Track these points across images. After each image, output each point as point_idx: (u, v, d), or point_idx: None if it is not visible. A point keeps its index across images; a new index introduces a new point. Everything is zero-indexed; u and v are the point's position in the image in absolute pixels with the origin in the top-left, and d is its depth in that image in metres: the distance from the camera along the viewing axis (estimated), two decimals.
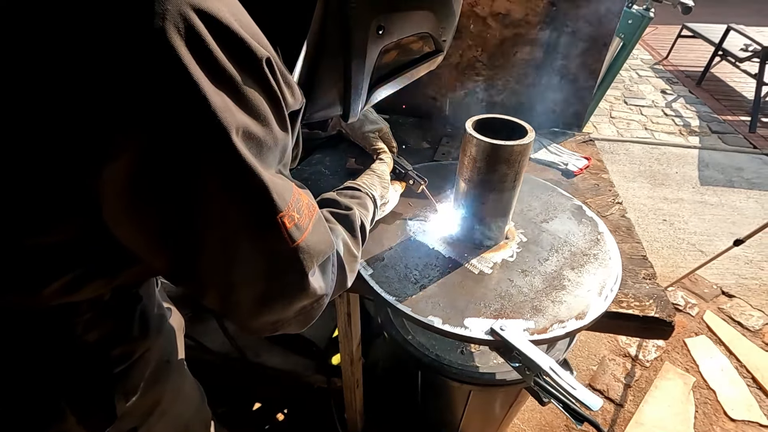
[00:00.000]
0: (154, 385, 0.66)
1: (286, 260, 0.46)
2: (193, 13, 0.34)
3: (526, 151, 0.77)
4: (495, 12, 1.22)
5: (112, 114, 0.35)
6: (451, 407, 1.28)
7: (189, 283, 0.47)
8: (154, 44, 0.33)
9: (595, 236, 0.92)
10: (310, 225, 0.48)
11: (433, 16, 0.62)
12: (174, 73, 0.34)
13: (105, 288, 0.51)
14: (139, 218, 0.41)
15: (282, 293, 0.48)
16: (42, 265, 0.45)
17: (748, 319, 2.05)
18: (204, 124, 0.36)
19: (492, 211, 0.84)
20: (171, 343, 0.73)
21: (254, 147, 0.40)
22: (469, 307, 0.76)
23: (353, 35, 0.55)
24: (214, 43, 0.36)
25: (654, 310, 0.78)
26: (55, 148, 0.37)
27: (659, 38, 5.90)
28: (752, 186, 2.99)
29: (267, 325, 0.51)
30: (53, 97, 0.34)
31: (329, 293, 0.55)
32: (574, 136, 1.36)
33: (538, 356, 0.65)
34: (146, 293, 0.66)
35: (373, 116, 1.06)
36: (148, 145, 0.36)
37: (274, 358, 1.36)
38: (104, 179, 0.37)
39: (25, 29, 0.34)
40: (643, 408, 1.68)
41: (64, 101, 0.34)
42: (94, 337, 0.55)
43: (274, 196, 0.42)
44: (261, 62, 0.39)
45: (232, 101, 0.38)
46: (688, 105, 4.19)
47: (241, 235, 0.43)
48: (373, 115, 1.06)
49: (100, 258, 0.47)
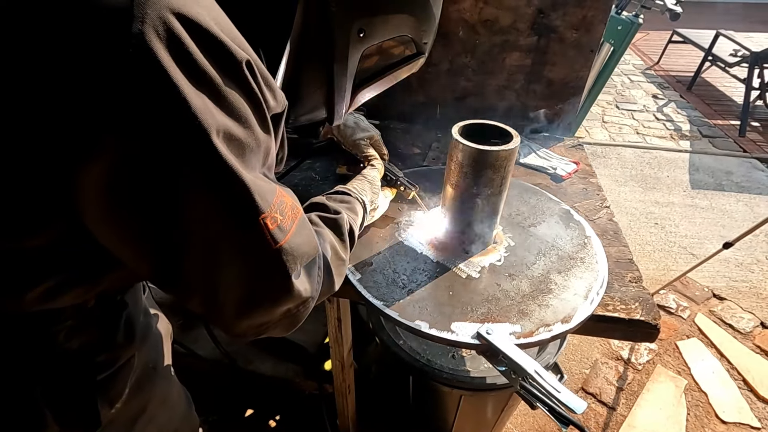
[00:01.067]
0: (139, 391, 0.65)
1: (268, 262, 0.46)
2: (173, 16, 0.35)
3: (511, 156, 0.78)
4: (483, 19, 1.24)
5: (92, 117, 0.35)
6: (442, 412, 1.28)
7: (173, 286, 0.48)
8: (134, 47, 0.33)
9: (582, 240, 0.93)
10: (294, 227, 0.49)
11: (413, 19, 0.63)
12: (154, 76, 0.34)
13: (88, 294, 0.51)
14: (120, 221, 0.41)
15: (266, 295, 0.48)
16: (24, 270, 0.45)
17: (739, 321, 2.07)
18: (184, 126, 0.36)
19: (479, 215, 0.84)
20: (157, 349, 0.73)
21: (236, 149, 0.41)
22: (456, 311, 0.76)
23: (335, 38, 0.56)
24: (194, 46, 0.36)
25: (639, 313, 0.79)
26: (35, 151, 0.37)
27: (650, 44, 5.97)
28: (741, 189, 3.02)
29: (252, 328, 0.51)
30: (33, 99, 0.35)
31: (315, 296, 0.55)
32: (564, 141, 1.38)
33: (524, 360, 0.65)
34: (132, 299, 0.66)
35: (365, 124, 1.06)
36: (128, 147, 0.36)
37: (265, 364, 1.36)
38: (84, 182, 0.37)
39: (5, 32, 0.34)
40: (636, 411, 1.69)
41: (44, 104, 0.35)
42: (77, 343, 0.54)
43: (256, 198, 0.42)
44: (241, 65, 0.40)
45: (213, 103, 0.38)
46: (678, 109, 4.23)
47: (223, 237, 0.43)
48: (364, 123, 1.06)
49: (82, 263, 0.47)
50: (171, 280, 0.46)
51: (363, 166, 0.97)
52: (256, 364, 1.35)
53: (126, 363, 0.63)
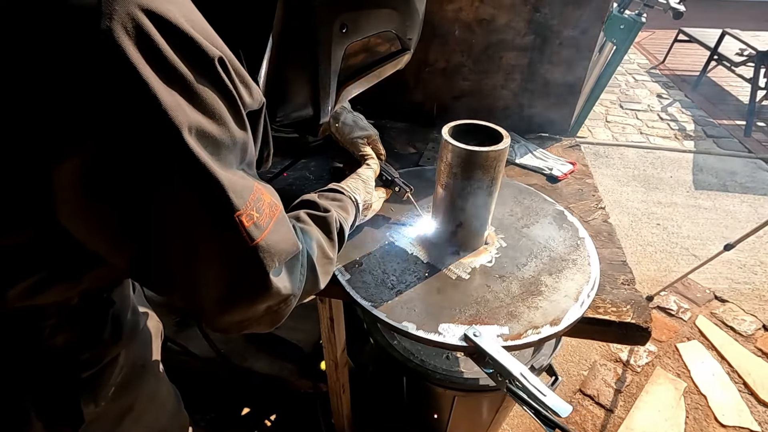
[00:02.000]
0: (126, 389, 0.66)
1: (245, 259, 0.46)
2: (142, 13, 0.35)
3: (501, 156, 0.77)
4: (480, 18, 1.23)
5: (63, 114, 0.35)
6: (436, 412, 1.27)
7: (152, 283, 0.48)
8: (102, 44, 0.33)
9: (575, 241, 0.92)
10: (271, 224, 0.48)
11: (396, 15, 0.63)
12: (123, 73, 0.34)
13: (70, 292, 0.51)
14: (96, 219, 0.41)
15: (244, 292, 0.48)
16: (5, 267, 0.45)
17: (741, 323, 2.05)
18: (155, 123, 0.36)
19: (470, 216, 0.84)
20: (146, 347, 0.73)
21: (210, 146, 0.41)
22: (444, 312, 0.76)
23: (317, 34, 0.56)
24: (164, 43, 0.36)
25: (630, 316, 0.78)
26: (9, 149, 0.37)
27: (656, 42, 5.92)
28: (746, 190, 2.99)
29: (233, 324, 0.51)
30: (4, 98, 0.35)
31: (297, 294, 0.55)
32: (561, 141, 1.37)
33: (510, 362, 0.65)
34: (120, 297, 0.66)
35: (363, 123, 1.06)
36: (100, 145, 0.36)
37: (260, 363, 1.36)
38: (59, 179, 0.37)
39: None
40: (634, 413, 1.68)
41: (16, 102, 0.35)
42: (62, 341, 0.55)
43: (231, 195, 0.42)
44: (213, 61, 0.40)
45: (185, 100, 0.38)
46: (683, 109, 4.19)
47: (198, 235, 0.43)
48: (363, 122, 1.06)
49: (63, 260, 0.47)
50: (150, 277, 0.47)
51: (359, 165, 0.97)
52: (251, 362, 1.36)
53: (112, 361, 0.63)
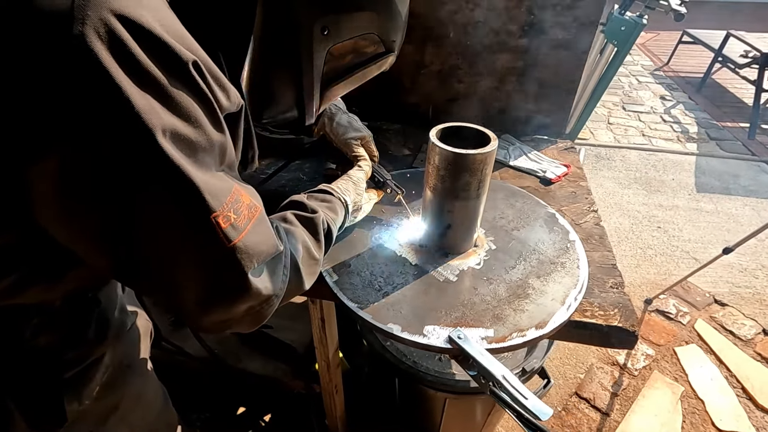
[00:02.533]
0: (111, 389, 0.66)
1: (223, 260, 0.46)
2: (114, 18, 0.35)
3: (489, 159, 0.77)
4: (474, 20, 1.23)
5: (36, 118, 0.35)
6: (428, 414, 1.27)
7: (134, 284, 0.48)
8: (75, 48, 0.34)
9: (565, 244, 0.92)
10: (250, 225, 0.49)
11: (377, 17, 0.63)
12: (95, 76, 0.35)
13: (51, 292, 0.52)
14: (74, 221, 0.41)
15: (223, 293, 0.49)
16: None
17: (740, 328, 2.03)
18: (128, 126, 0.37)
19: (458, 219, 0.84)
20: (133, 347, 0.74)
21: (186, 148, 0.41)
22: (430, 314, 0.76)
23: (298, 37, 0.56)
24: (137, 47, 0.36)
25: (618, 320, 0.78)
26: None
27: (660, 44, 5.89)
28: (749, 193, 2.96)
29: (215, 324, 0.52)
30: None
31: (280, 294, 0.56)
32: (557, 143, 1.36)
33: (492, 365, 0.65)
34: (106, 297, 0.66)
35: (357, 124, 1.06)
36: (75, 148, 0.37)
37: (255, 363, 1.36)
38: (34, 182, 0.38)
39: None
40: (630, 417, 1.67)
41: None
42: (45, 341, 0.55)
43: (207, 197, 0.43)
44: (187, 65, 0.40)
45: (159, 103, 0.38)
46: (687, 111, 4.17)
47: (175, 236, 0.43)
48: (357, 123, 1.06)
49: (41, 261, 0.47)
50: (130, 278, 0.47)
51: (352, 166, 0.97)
52: (245, 363, 1.36)
53: (97, 360, 0.64)
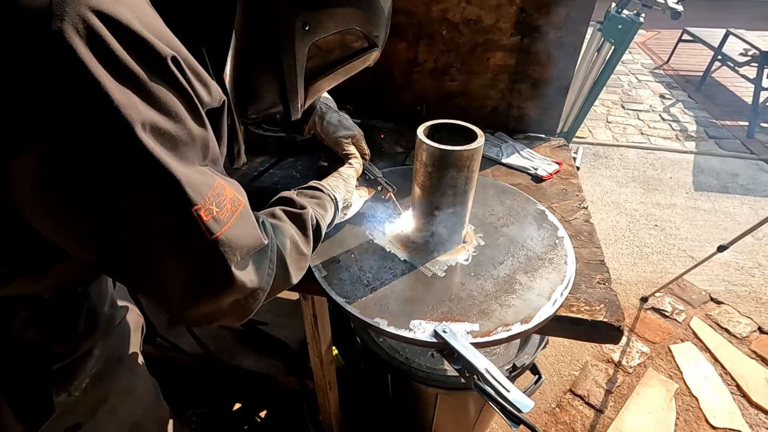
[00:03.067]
0: (100, 382, 0.67)
1: (206, 253, 0.47)
2: (92, 14, 0.36)
3: (475, 155, 0.78)
4: (466, 18, 1.23)
5: (16, 114, 0.36)
6: (421, 410, 1.28)
7: (119, 277, 0.49)
8: (53, 45, 0.34)
9: (554, 241, 0.93)
10: (233, 219, 0.49)
11: (359, 13, 0.64)
12: (74, 72, 0.35)
13: (36, 285, 0.53)
14: (56, 216, 0.42)
15: (207, 286, 0.49)
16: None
17: (736, 326, 2.03)
18: (108, 120, 0.37)
19: (446, 215, 0.85)
20: (123, 341, 0.75)
21: (166, 142, 0.42)
22: (416, 309, 0.77)
23: (279, 32, 0.57)
24: (115, 42, 0.37)
25: (603, 315, 0.78)
26: None
27: (660, 42, 5.87)
28: (747, 192, 2.96)
29: (201, 317, 0.52)
30: None
31: (265, 288, 0.56)
32: (549, 141, 1.37)
33: (476, 358, 0.66)
34: (96, 292, 0.67)
35: (348, 122, 1.07)
36: (54, 142, 0.37)
37: (249, 359, 1.37)
38: (15, 176, 0.39)
39: None
40: (624, 414, 1.67)
41: None
42: (33, 334, 0.56)
43: (188, 190, 0.43)
44: (166, 60, 0.41)
45: (138, 98, 0.39)
46: (686, 110, 4.16)
47: (157, 229, 0.44)
48: (347, 122, 1.07)
49: (25, 254, 0.48)
50: (115, 271, 0.48)
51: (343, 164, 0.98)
52: (239, 360, 1.37)
53: (86, 353, 0.65)
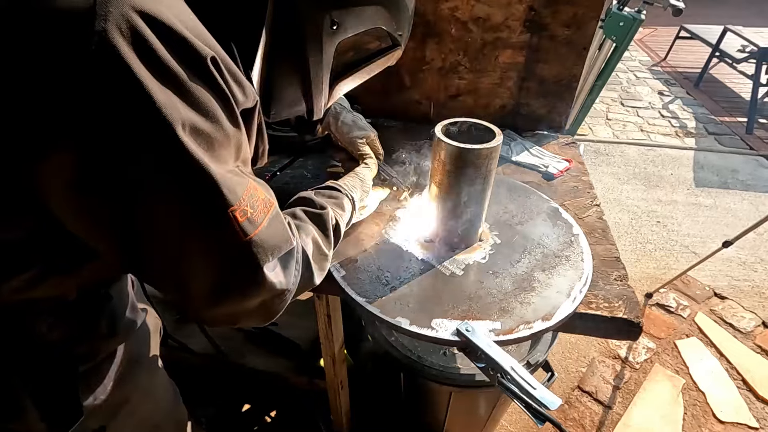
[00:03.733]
0: (122, 384, 0.67)
1: (238, 254, 0.47)
2: (136, 14, 0.36)
3: (494, 153, 0.78)
4: (475, 16, 1.23)
5: (56, 113, 0.36)
6: (433, 409, 1.28)
7: (144, 275, 0.49)
8: (97, 44, 0.34)
9: (569, 238, 0.93)
10: (265, 220, 0.49)
11: (385, 11, 0.64)
12: (117, 72, 0.35)
13: (65, 286, 0.53)
14: (89, 214, 0.42)
15: (235, 286, 0.49)
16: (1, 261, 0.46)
17: (740, 320, 2.05)
18: (149, 120, 0.37)
19: (463, 213, 0.85)
20: (143, 343, 0.74)
21: (204, 142, 0.42)
22: (437, 308, 0.77)
23: (307, 31, 0.57)
24: (158, 43, 0.37)
25: (622, 312, 0.79)
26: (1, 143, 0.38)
27: (658, 39, 5.89)
28: (747, 188, 2.98)
29: (223, 317, 0.52)
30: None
31: (292, 289, 0.56)
32: (558, 139, 1.37)
33: (501, 356, 0.66)
34: (118, 293, 0.67)
35: (362, 122, 1.06)
36: (92, 142, 0.37)
37: (258, 359, 1.37)
38: (50, 173, 0.38)
39: None
40: (632, 410, 1.68)
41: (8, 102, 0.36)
42: (58, 335, 0.56)
43: (224, 191, 0.43)
44: (206, 60, 0.41)
45: (178, 98, 0.39)
46: (685, 106, 4.18)
47: (192, 229, 0.44)
48: (362, 122, 1.06)
49: (57, 254, 0.48)
50: (143, 269, 0.48)
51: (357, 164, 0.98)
52: (249, 359, 1.37)
53: (109, 356, 0.65)
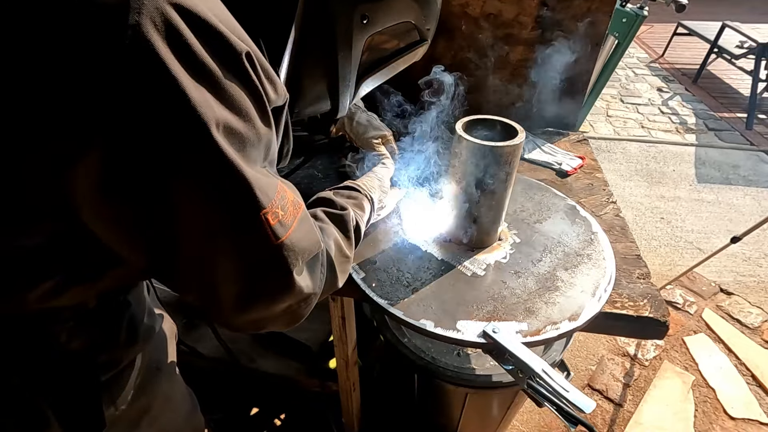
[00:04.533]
0: (143, 392, 0.65)
1: (269, 257, 0.45)
2: (170, 7, 0.34)
3: (516, 151, 0.76)
4: (486, 12, 1.22)
5: (88, 110, 0.34)
6: (448, 410, 1.27)
7: (170, 280, 0.47)
8: (131, 39, 0.32)
9: (589, 236, 0.92)
10: (295, 222, 0.48)
11: (415, 5, 0.62)
12: (151, 68, 0.34)
13: (88, 293, 0.51)
14: (117, 214, 0.40)
15: (265, 291, 0.48)
16: (25, 269, 0.44)
17: (747, 316, 2.05)
18: (183, 119, 0.36)
19: (484, 212, 0.83)
20: (161, 350, 0.72)
21: (236, 142, 0.40)
22: (461, 309, 0.75)
23: (338, 26, 0.55)
24: (193, 37, 0.35)
25: (648, 310, 0.78)
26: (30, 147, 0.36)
27: (655, 36, 5.90)
28: (749, 183, 2.99)
29: (250, 323, 0.51)
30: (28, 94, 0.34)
31: (318, 293, 0.55)
32: (569, 136, 1.36)
33: (531, 359, 0.64)
34: (136, 299, 0.65)
35: (377, 122, 1.04)
36: (126, 139, 0.35)
37: (268, 362, 1.35)
38: (79, 175, 0.36)
39: None
40: (642, 408, 1.68)
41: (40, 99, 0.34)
42: (79, 344, 0.54)
43: (257, 192, 0.42)
44: (241, 56, 0.39)
45: (212, 96, 0.37)
46: (684, 103, 4.19)
47: (222, 232, 0.42)
48: (376, 122, 1.04)
49: (82, 260, 0.46)
50: (168, 274, 0.46)
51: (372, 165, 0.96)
52: (258, 363, 1.35)
53: (130, 364, 0.63)
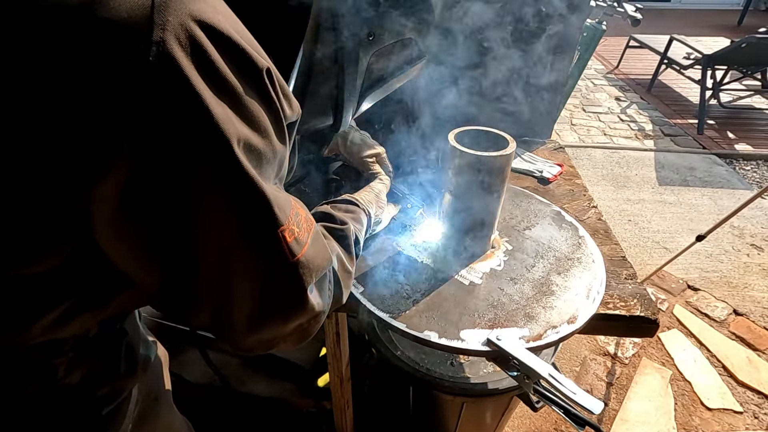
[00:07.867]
0: (143, 423, 0.62)
1: (285, 275, 0.45)
2: (195, 24, 0.34)
3: (508, 161, 0.79)
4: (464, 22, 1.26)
5: (111, 126, 0.33)
6: (444, 420, 1.27)
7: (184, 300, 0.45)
8: (155, 55, 0.32)
9: (577, 240, 0.95)
10: (309, 239, 0.47)
11: (416, 21, 0.64)
12: (175, 84, 0.33)
13: (92, 321, 0.48)
14: (135, 233, 0.38)
15: (280, 310, 0.47)
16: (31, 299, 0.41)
17: (714, 310, 2.16)
18: (206, 136, 0.35)
19: (478, 221, 0.85)
20: (158, 378, 0.69)
21: (254, 159, 0.40)
22: (463, 318, 0.76)
23: (345, 42, 0.56)
24: (216, 54, 0.35)
25: (639, 310, 0.81)
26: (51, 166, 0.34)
27: (609, 49, 6.23)
28: (705, 184, 3.18)
29: (262, 343, 0.50)
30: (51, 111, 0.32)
31: (326, 310, 0.54)
32: (546, 144, 1.41)
33: (537, 364, 0.66)
34: (131, 327, 0.62)
35: (371, 141, 1.04)
36: (148, 156, 0.34)
37: (259, 385, 1.31)
38: (99, 194, 0.35)
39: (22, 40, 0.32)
40: (626, 404, 1.73)
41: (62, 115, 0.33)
42: (78, 377, 0.51)
43: (276, 210, 0.41)
44: (261, 73, 0.39)
45: (234, 112, 0.37)
46: (641, 111, 4.43)
47: (241, 249, 0.41)
48: (370, 140, 1.04)
49: (90, 286, 0.44)
50: (182, 294, 0.44)
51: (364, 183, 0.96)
52: (249, 386, 1.31)
53: (127, 395, 0.60)
